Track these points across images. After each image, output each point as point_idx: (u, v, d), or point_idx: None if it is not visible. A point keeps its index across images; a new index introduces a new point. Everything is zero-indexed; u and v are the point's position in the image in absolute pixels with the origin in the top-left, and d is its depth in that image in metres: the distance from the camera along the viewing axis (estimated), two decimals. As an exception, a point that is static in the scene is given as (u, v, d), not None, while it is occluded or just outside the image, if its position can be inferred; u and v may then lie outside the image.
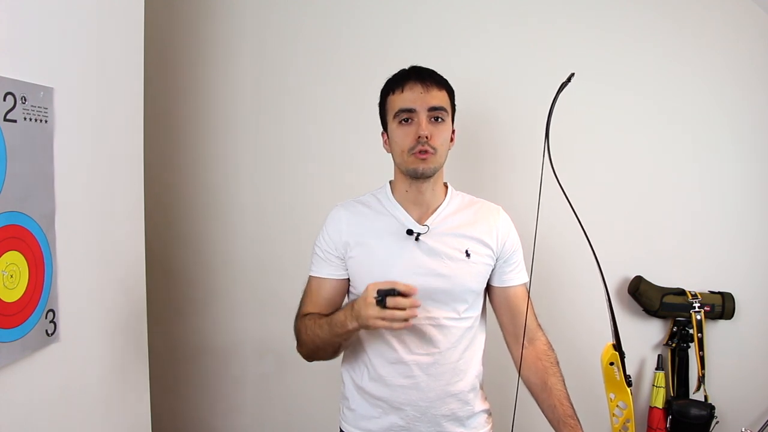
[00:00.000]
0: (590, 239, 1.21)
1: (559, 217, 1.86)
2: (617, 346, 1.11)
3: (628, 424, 1.11)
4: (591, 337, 1.63)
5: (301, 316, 1.29)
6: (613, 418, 1.13)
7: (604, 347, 1.13)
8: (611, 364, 1.10)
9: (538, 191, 1.12)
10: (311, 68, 1.94)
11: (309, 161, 1.97)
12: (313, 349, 1.25)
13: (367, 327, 1.12)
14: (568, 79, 1.13)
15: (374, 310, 1.07)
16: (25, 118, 0.97)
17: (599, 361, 1.27)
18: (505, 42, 1.88)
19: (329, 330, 1.19)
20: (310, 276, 1.33)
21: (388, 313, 1.06)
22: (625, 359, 1.11)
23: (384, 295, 1.05)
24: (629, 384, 1.10)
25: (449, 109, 1.27)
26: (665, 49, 1.82)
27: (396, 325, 1.08)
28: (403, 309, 1.06)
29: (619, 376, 1.10)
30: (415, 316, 1.08)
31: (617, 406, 1.12)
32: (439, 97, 1.24)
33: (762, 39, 1.78)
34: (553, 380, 1.28)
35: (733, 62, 1.80)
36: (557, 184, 1.21)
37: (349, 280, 1.31)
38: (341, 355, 1.38)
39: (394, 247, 1.25)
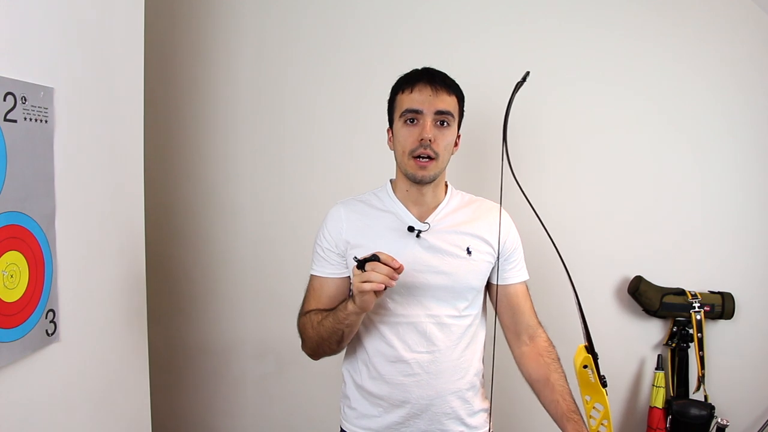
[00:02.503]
0: (563, 243, 1.18)
1: (560, 216, 1.86)
2: (590, 347, 1.09)
3: (606, 425, 1.10)
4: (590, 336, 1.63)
5: (304, 313, 1.29)
6: (590, 420, 1.12)
7: (577, 349, 1.11)
8: (585, 367, 1.08)
9: (500, 190, 1.13)
10: (311, 68, 1.95)
11: (309, 161, 1.97)
12: (318, 342, 1.24)
13: (360, 305, 1.10)
14: (524, 78, 1.12)
15: (357, 277, 1.08)
16: (25, 118, 0.97)
17: (601, 361, 1.26)
18: (505, 42, 1.88)
19: (333, 318, 1.19)
20: (311, 275, 1.32)
21: (365, 274, 1.06)
22: (599, 360, 1.09)
23: (363, 261, 1.07)
24: (604, 385, 1.08)
25: (456, 115, 1.27)
26: (665, 48, 1.82)
27: (371, 286, 1.05)
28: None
29: (593, 378, 1.08)
30: (393, 280, 1.07)
31: (593, 407, 1.11)
32: (447, 102, 1.24)
33: (762, 39, 1.78)
34: (555, 376, 1.28)
35: (733, 62, 1.80)
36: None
37: (350, 277, 1.30)
38: (342, 355, 1.38)
39: (395, 244, 1.25)
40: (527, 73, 1.11)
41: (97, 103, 1.21)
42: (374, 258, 1.07)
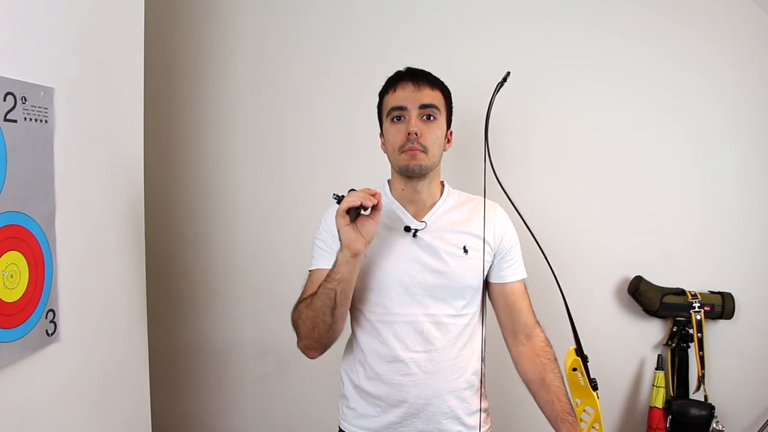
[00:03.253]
0: (545, 245, 1.18)
1: (560, 216, 1.87)
2: (579, 350, 1.09)
3: (597, 428, 1.09)
4: (589, 336, 1.64)
5: (299, 303, 1.26)
6: (581, 423, 1.11)
7: (567, 352, 1.11)
8: (574, 369, 1.08)
9: (483, 190, 1.14)
10: (311, 68, 1.95)
11: (309, 161, 1.97)
12: (312, 321, 1.19)
13: (345, 241, 1.13)
14: (505, 78, 1.13)
15: (338, 211, 1.11)
16: (25, 118, 0.97)
17: (601, 361, 1.25)
18: (504, 42, 1.88)
19: (325, 281, 1.17)
20: (310, 271, 1.31)
21: (343, 201, 1.11)
22: (590, 362, 1.09)
23: (341, 196, 1.14)
24: (595, 388, 1.08)
25: (442, 109, 1.28)
26: (665, 48, 1.82)
27: (347, 202, 1.10)
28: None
29: (583, 381, 1.08)
30: (369, 201, 1.11)
31: (584, 411, 1.11)
32: (431, 96, 1.25)
33: (762, 39, 1.78)
34: (551, 376, 1.28)
35: (733, 62, 1.80)
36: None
37: None
38: (341, 355, 1.38)
39: (392, 243, 1.25)
40: (508, 73, 1.13)
41: (97, 103, 1.21)
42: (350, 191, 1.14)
